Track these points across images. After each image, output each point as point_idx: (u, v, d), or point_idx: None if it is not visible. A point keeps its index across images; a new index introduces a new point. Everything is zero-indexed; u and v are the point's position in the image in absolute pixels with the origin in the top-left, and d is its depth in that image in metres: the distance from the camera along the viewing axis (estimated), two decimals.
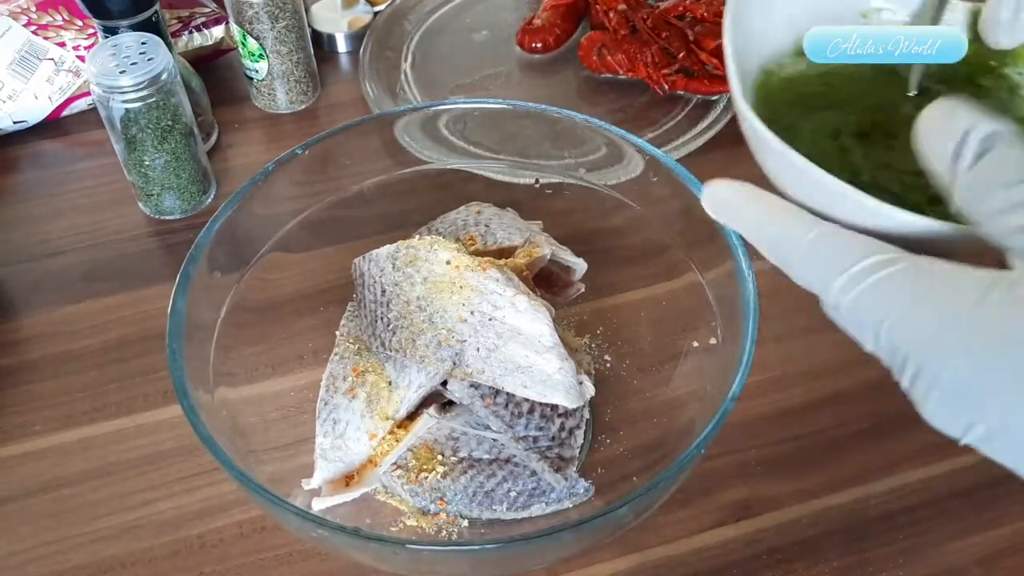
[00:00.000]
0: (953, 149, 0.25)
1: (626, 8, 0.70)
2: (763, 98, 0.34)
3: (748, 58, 0.33)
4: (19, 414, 0.51)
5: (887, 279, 0.25)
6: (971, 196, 0.24)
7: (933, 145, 0.26)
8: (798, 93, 0.34)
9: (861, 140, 0.33)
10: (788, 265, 0.28)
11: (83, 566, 0.45)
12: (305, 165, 0.50)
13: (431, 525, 0.43)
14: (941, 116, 0.26)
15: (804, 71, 0.35)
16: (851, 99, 0.34)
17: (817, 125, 0.33)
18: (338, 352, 0.48)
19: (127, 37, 0.57)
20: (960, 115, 0.25)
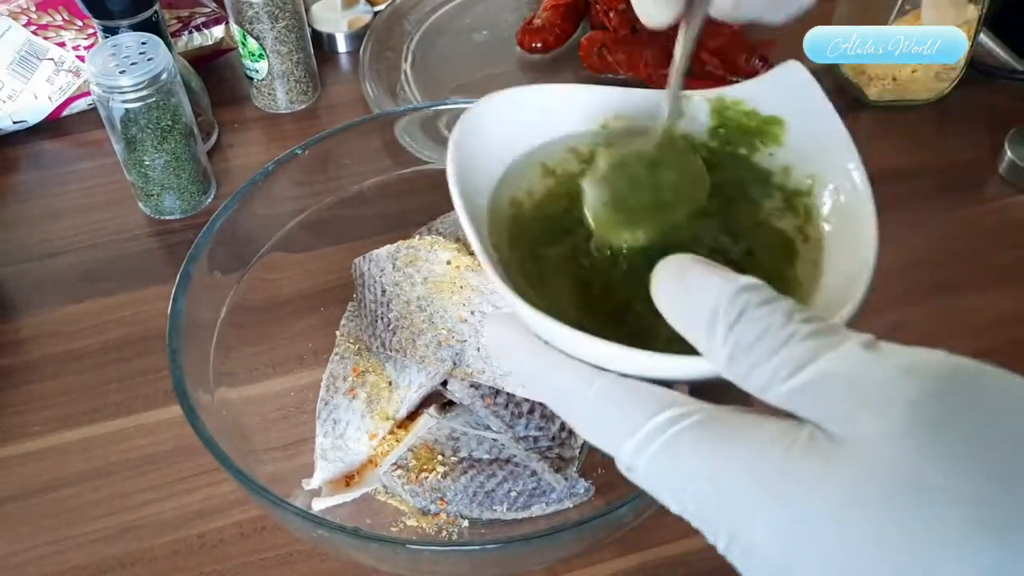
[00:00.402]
0: (704, 319, 0.23)
1: (626, 8, 0.70)
2: (515, 234, 0.30)
3: (477, 196, 0.30)
4: (19, 414, 0.51)
5: (682, 437, 0.22)
6: (735, 369, 0.22)
7: (676, 312, 0.24)
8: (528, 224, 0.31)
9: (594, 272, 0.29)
10: (573, 423, 0.25)
11: (83, 566, 0.45)
12: (305, 165, 0.50)
13: (431, 525, 0.43)
14: (677, 280, 0.24)
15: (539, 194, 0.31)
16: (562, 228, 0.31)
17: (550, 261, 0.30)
18: (338, 352, 0.48)
19: (127, 37, 0.57)
20: (695, 275, 0.23)
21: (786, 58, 0.35)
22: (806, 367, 0.21)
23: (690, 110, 0.33)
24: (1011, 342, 0.53)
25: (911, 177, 0.64)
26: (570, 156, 0.32)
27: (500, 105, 0.31)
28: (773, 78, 0.32)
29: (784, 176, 0.31)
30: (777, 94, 0.31)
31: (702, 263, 0.24)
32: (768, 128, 0.32)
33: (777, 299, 0.23)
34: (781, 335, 0.22)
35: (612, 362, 0.25)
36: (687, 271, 0.24)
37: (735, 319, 0.22)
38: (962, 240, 0.59)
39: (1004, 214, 0.61)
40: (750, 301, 0.22)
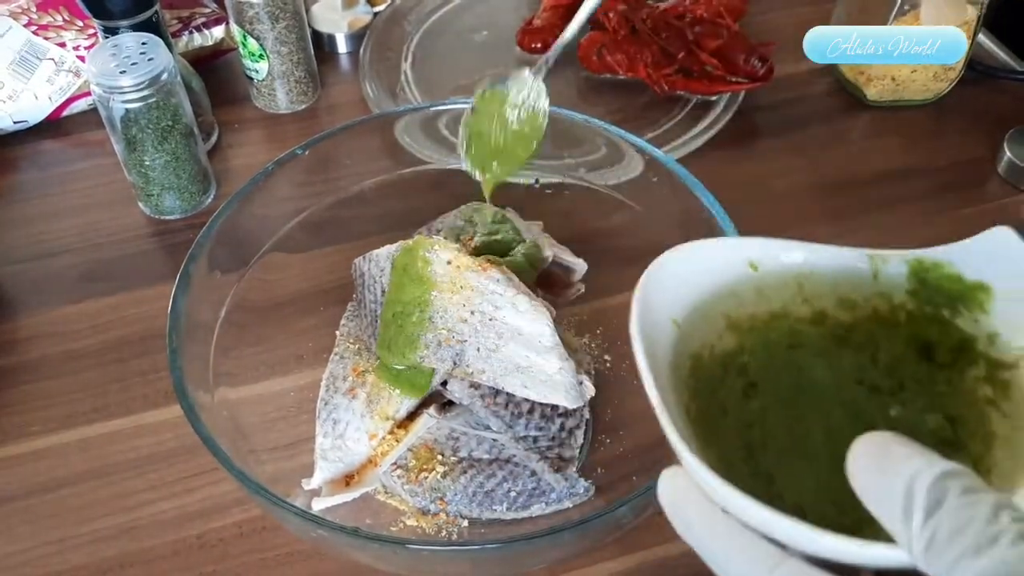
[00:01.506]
0: (900, 503, 0.21)
1: (626, 8, 0.70)
2: (692, 389, 0.29)
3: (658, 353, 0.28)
4: (19, 414, 0.51)
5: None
6: (933, 563, 0.21)
7: (873, 494, 0.22)
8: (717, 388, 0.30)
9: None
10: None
11: (83, 566, 0.45)
12: (305, 165, 0.50)
13: (431, 525, 0.43)
14: (874, 460, 0.22)
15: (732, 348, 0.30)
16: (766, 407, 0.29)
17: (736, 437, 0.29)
18: (338, 352, 0.48)
19: (127, 37, 0.57)
20: (895, 456, 0.22)
21: (785, 58, 0.34)
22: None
23: (885, 268, 0.31)
24: None
25: (911, 177, 0.64)
26: (755, 311, 0.31)
27: (682, 255, 0.30)
28: (980, 242, 0.30)
29: (988, 344, 0.29)
30: (983, 259, 0.30)
31: (903, 442, 0.22)
32: (973, 294, 0.30)
33: (983, 490, 0.21)
34: (987, 533, 0.20)
35: (797, 541, 0.24)
36: (887, 450, 0.22)
37: (934, 506, 0.21)
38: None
39: (1004, 214, 0.61)
40: (951, 488, 0.21)
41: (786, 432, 0.29)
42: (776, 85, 0.67)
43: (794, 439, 0.28)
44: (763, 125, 0.68)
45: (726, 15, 0.69)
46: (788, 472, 0.27)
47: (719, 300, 0.30)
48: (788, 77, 0.70)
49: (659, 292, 0.29)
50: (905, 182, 0.64)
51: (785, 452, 0.28)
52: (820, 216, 0.60)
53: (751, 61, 0.66)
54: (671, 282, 0.30)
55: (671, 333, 0.29)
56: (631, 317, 0.28)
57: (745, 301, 0.31)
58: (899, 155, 0.66)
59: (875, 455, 0.22)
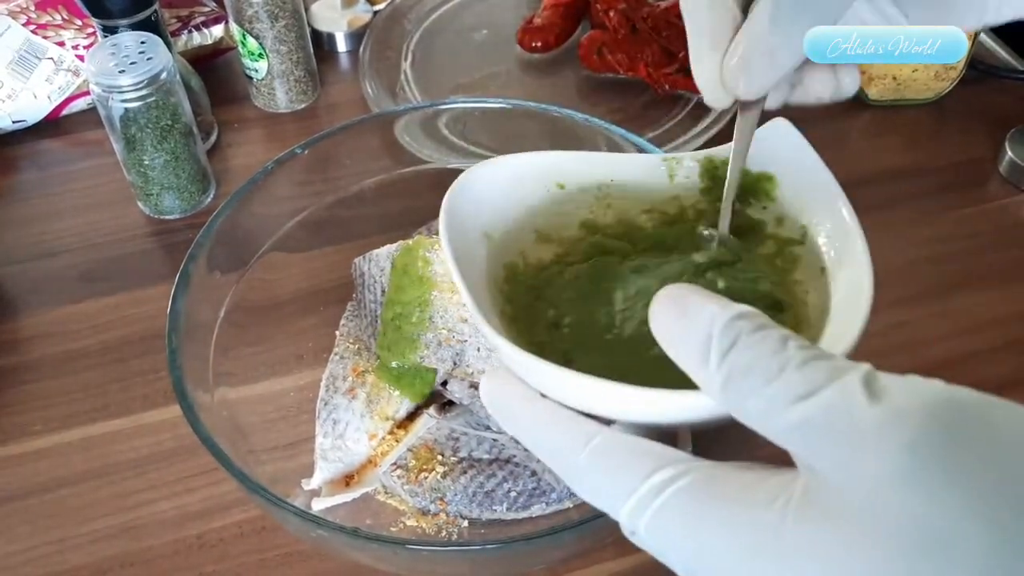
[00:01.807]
0: (697, 345, 0.22)
1: (626, 7, 0.70)
2: (507, 295, 0.31)
3: (473, 262, 0.30)
4: (19, 414, 0.51)
5: (678, 499, 0.22)
6: (730, 397, 0.22)
7: (672, 339, 0.23)
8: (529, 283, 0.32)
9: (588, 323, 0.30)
10: (570, 482, 0.25)
11: (82, 566, 0.45)
12: (305, 165, 0.50)
13: (431, 525, 0.43)
14: (673, 308, 0.23)
15: (544, 258, 0.32)
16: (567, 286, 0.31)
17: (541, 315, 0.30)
18: (338, 352, 0.48)
19: (126, 36, 0.56)
20: (691, 302, 0.23)
21: None
22: (803, 401, 0.20)
23: (680, 170, 0.33)
24: (1010, 342, 0.53)
25: (911, 177, 0.64)
26: (563, 221, 0.33)
27: (487, 172, 0.32)
28: (761, 136, 0.32)
29: (777, 226, 0.32)
30: (765, 151, 0.32)
31: (699, 291, 0.23)
32: (760, 185, 0.33)
33: (772, 326, 0.22)
34: (776, 362, 0.21)
35: (607, 403, 0.25)
36: (684, 299, 0.23)
37: (729, 345, 0.22)
38: (962, 240, 0.59)
39: (1004, 214, 0.61)
40: (744, 328, 0.22)
41: (594, 320, 0.30)
42: None
43: (602, 325, 0.29)
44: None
45: None
46: (597, 359, 0.28)
47: (530, 213, 0.33)
48: None
49: (469, 204, 0.31)
50: (906, 182, 0.63)
51: (593, 339, 0.29)
52: None
53: None
54: (483, 195, 0.32)
55: (484, 244, 0.31)
56: (440, 228, 0.30)
57: (554, 213, 0.33)
58: (900, 155, 0.66)
59: (674, 304, 0.23)
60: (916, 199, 0.62)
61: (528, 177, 0.33)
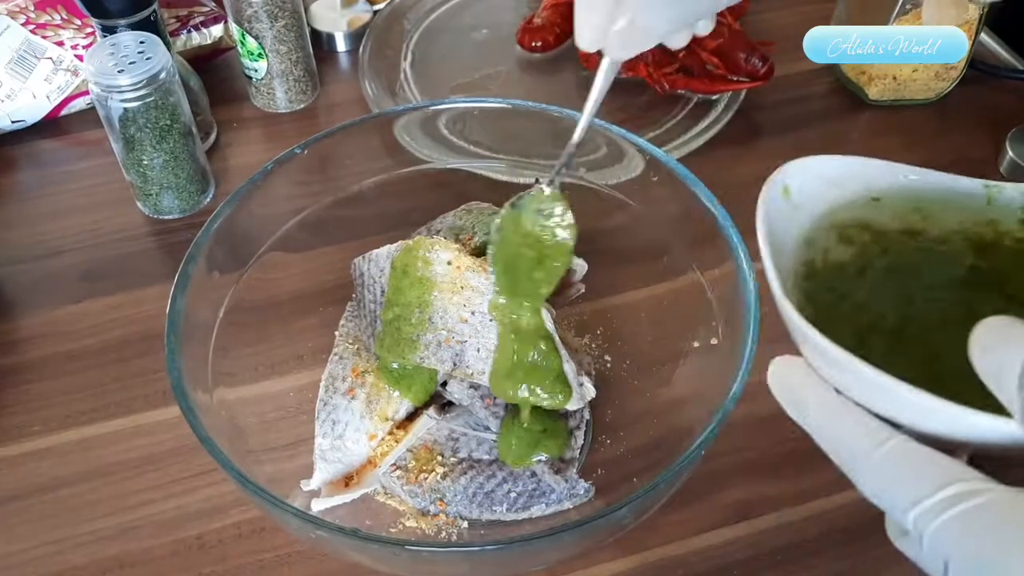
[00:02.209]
0: (1017, 374, 0.22)
1: None
2: (806, 292, 0.31)
3: (784, 253, 0.31)
4: (19, 414, 0.51)
5: (972, 515, 0.22)
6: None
7: (991, 367, 0.23)
8: (835, 284, 0.32)
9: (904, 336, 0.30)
10: (855, 478, 0.25)
11: (82, 566, 0.45)
12: (304, 165, 0.50)
13: (431, 526, 0.43)
14: (995, 335, 0.24)
15: (845, 260, 0.33)
16: (886, 292, 0.32)
17: (856, 319, 0.31)
18: (337, 352, 0.48)
19: (125, 36, 0.56)
20: (1016, 333, 0.23)
21: (786, 58, 0.35)
22: None
23: (1001, 197, 0.33)
24: None
25: None
26: (868, 227, 0.33)
27: (805, 168, 0.33)
28: None
29: None
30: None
31: (1021, 323, 0.23)
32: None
33: None
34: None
35: (910, 411, 0.25)
36: (1008, 328, 0.23)
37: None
38: None
39: None
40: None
41: (898, 323, 0.30)
42: (777, 84, 0.67)
43: (906, 331, 0.30)
44: (764, 124, 0.68)
45: (727, 14, 0.69)
46: (899, 361, 0.28)
47: (837, 215, 0.33)
48: (789, 77, 0.69)
49: (784, 200, 0.32)
50: None
51: (897, 343, 0.30)
52: None
53: (752, 60, 0.66)
54: (800, 191, 0.32)
55: (793, 240, 0.32)
56: (757, 219, 0.30)
57: (860, 218, 0.33)
58: (900, 155, 0.65)
59: (996, 333, 0.24)
60: None
61: (844, 180, 0.33)
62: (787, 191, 0.32)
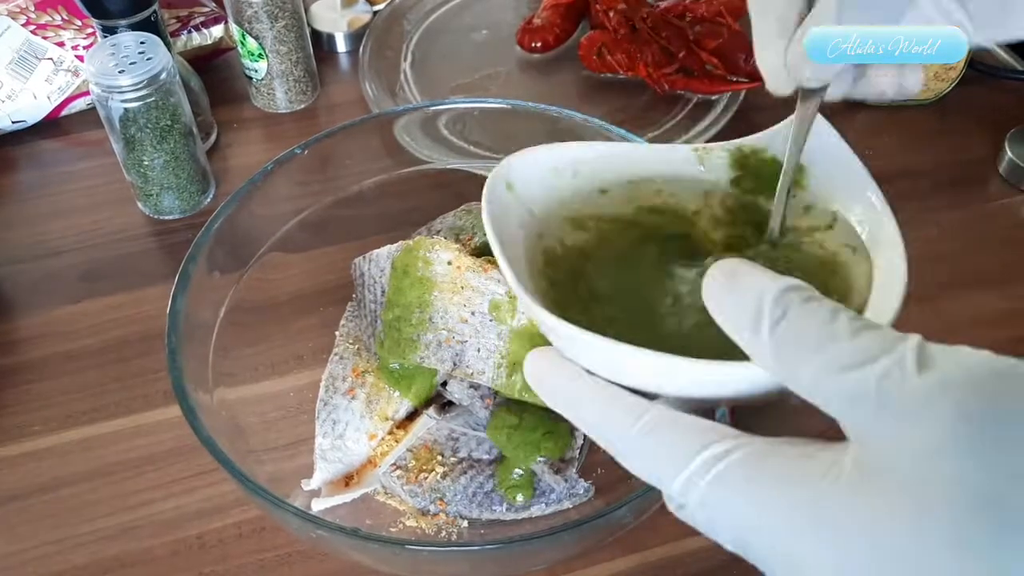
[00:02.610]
0: (749, 315, 0.23)
1: (626, 7, 0.70)
2: (549, 278, 0.31)
3: (517, 244, 0.31)
4: (19, 414, 0.51)
5: (728, 475, 0.22)
6: (779, 366, 0.22)
7: (725, 311, 0.24)
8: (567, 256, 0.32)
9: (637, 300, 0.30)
10: (621, 460, 0.25)
11: (83, 566, 0.45)
12: (305, 165, 0.50)
13: (431, 526, 0.43)
14: (725, 280, 0.24)
15: (580, 244, 0.33)
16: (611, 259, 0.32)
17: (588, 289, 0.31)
18: (337, 352, 0.48)
19: (126, 37, 0.56)
20: (743, 275, 0.23)
21: None
22: (854, 370, 0.21)
23: (710, 161, 0.34)
24: (1011, 341, 0.53)
25: (911, 177, 0.64)
26: (598, 210, 0.34)
27: (524, 161, 0.33)
28: (789, 124, 0.33)
29: (804, 214, 0.32)
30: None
31: (750, 265, 0.24)
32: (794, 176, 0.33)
33: (821, 299, 0.23)
34: (827, 332, 0.22)
35: (657, 375, 0.25)
36: (736, 272, 0.24)
37: (780, 316, 0.22)
38: (962, 240, 0.59)
39: (1004, 214, 0.61)
40: (794, 299, 0.22)
41: (634, 298, 0.30)
42: None
43: (642, 303, 0.30)
44: (764, 125, 0.67)
45: (726, 14, 0.69)
46: (636, 336, 0.28)
47: (565, 202, 0.33)
48: None
49: (508, 191, 0.32)
50: (906, 182, 0.63)
51: (633, 317, 0.30)
52: None
53: (752, 61, 0.66)
54: (522, 181, 0.32)
55: (522, 230, 0.32)
56: (483, 205, 0.30)
57: (589, 203, 0.33)
58: (900, 155, 0.66)
59: (727, 276, 0.24)
60: (916, 199, 0.62)
61: (565, 166, 0.33)
62: (510, 186, 0.32)
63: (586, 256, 0.32)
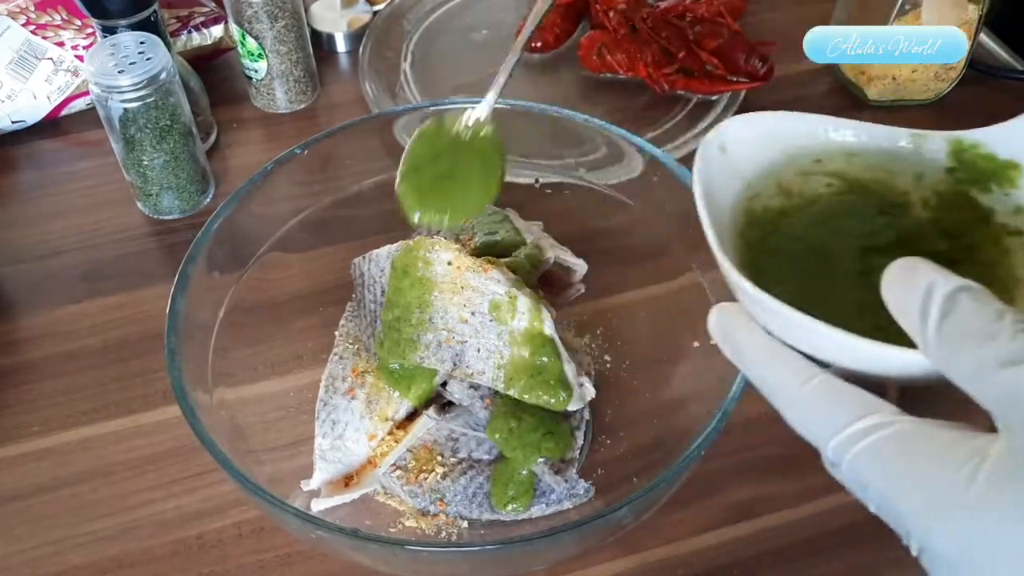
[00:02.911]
0: (919, 308, 0.25)
1: (626, 8, 0.70)
2: (747, 240, 0.33)
3: (721, 207, 0.32)
4: (19, 414, 0.51)
5: (881, 445, 0.25)
6: (942, 356, 0.24)
7: (899, 303, 0.26)
8: (776, 233, 0.33)
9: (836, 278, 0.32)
10: (785, 414, 0.27)
11: (82, 566, 0.45)
12: (304, 165, 0.50)
13: (431, 526, 0.43)
14: (903, 275, 0.26)
15: (783, 205, 0.34)
16: (827, 236, 0.33)
17: (796, 262, 0.32)
18: (337, 352, 0.48)
19: (126, 37, 0.56)
20: (920, 272, 0.25)
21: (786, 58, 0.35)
22: (1012, 367, 0.22)
23: (927, 147, 0.35)
24: None
25: None
26: (802, 178, 0.35)
27: (742, 126, 0.34)
28: (1014, 124, 0.34)
29: (1015, 216, 0.33)
30: (1016, 140, 0.34)
31: (930, 264, 0.25)
32: (1005, 172, 0.34)
33: (992, 300, 0.24)
34: (991, 329, 0.23)
35: (833, 348, 0.27)
36: (916, 268, 0.25)
37: (949, 310, 0.24)
38: None
39: None
40: (965, 297, 0.24)
41: (826, 271, 0.32)
42: (776, 85, 0.67)
43: (834, 277, 0.31)
44: None
45: (726, 14, 0.69)
46: (827, 307, 0.29)
47: (774, 168, 0.34)
48: (788, 77, 0.69)
49: (721, 154, 0.33)
50: None
51: (826, 290, 0.31)
52: None
53: (751, 60, 0.66)
54: (735, 148, 0.34)
55: (737, 189, 0.33)
56: (694, 171, 0.31)
57: (797, 171, 0.34)
58: None
59: (906, 271, 0.26)
60: None
61: (781, 134, 0.34)
62: (723, 148, 0.33)
63: (787, 217, 0.33)
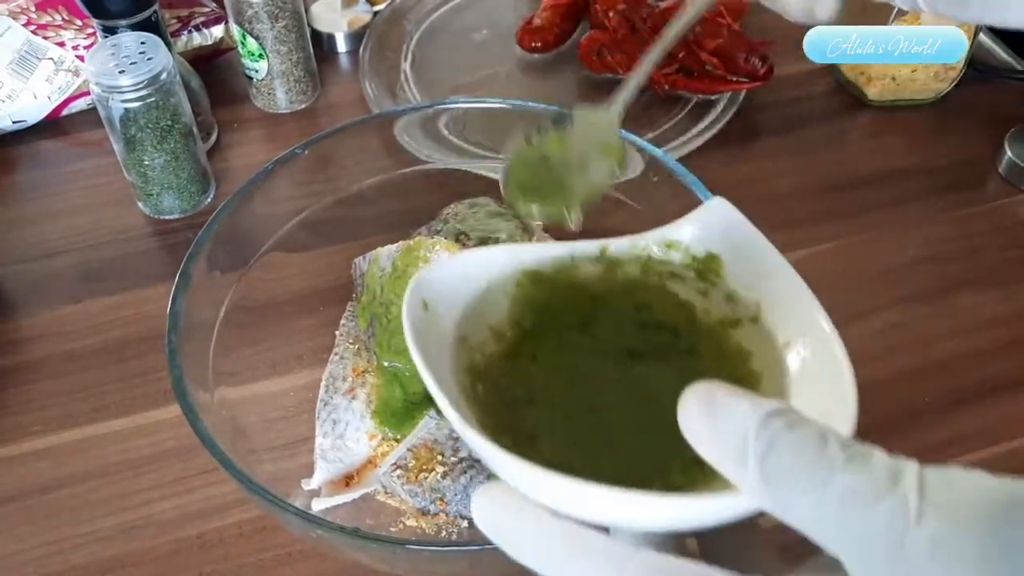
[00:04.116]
0: (733, 448, 0.21)
1: (626, 8, 0.70)
2: (480, 402, 0.28)
3: (445, 368, 0.28)
4: (19, 414, 0.51)
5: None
6: (773, 501, 0.21)
7: (706, 441, 0.22)
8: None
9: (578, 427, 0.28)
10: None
11: (83, 566, 0.45)
12: (305, 165, 0.50)
13: (431, 526, 0.43)
14: (702, 408, 0.22)
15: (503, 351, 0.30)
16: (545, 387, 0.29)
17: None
18: (338, 352, 0.48)
19: (126, 37, 0.56)
20: (720, 403, 0.22)
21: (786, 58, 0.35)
22: (854, 503, 0.20)
23: (615, 248, 0.33)
24: (1010, 342, 0.53)
25: (911, 177, 0.64)
26: (508, 313, 0.31)
27: (437, 275, 0.30)
28: (701, 217, 0.32)
29: (725, 303, 0.31)
30: (707, 232, 0.32)
31: (726, 388, 0.22)
32: (707, 265, 0.32)
33: (806, 423, 0.22)
34: (820, 462, 0.21)
35: (626, 512, 0.23)
36: (713, 398, 0.22)
37: (767, 447, 0.21)
38: (962, 240, 0.59)
39: (1004, 214, 0.61)
40: (778, 426, 0.21)
41: (571, 423, 0.28)
42: (776, 85, 0.67)
43: (579, 428, 0.28)
44: (763, 125, 0.68)
45: (726, 14, 0.69)
46: (581, 461, 0.26)
47: (480, 307, 0.30)
48: (788, 77, 0.70)
49: (423, 304, 0.29)
50: (905, 182, 0.63)
51: (576, 441, 0.27)
52: (821, 216, 0.60)
53: (751, 60, 0.66)
54: (439, 296, 0.29)
55: (447, 350, 0.29)
56: (404, 323, 0.27)
57: (502, 306, 0.31)
58: (899, 155, 0.66)
59: (704, 402, 0.22)
60: (916, 199, 0.62)
61: (474, 273, 0.31)
62: (425, 305, 0.29)
63: (508, 365, 0.30)
